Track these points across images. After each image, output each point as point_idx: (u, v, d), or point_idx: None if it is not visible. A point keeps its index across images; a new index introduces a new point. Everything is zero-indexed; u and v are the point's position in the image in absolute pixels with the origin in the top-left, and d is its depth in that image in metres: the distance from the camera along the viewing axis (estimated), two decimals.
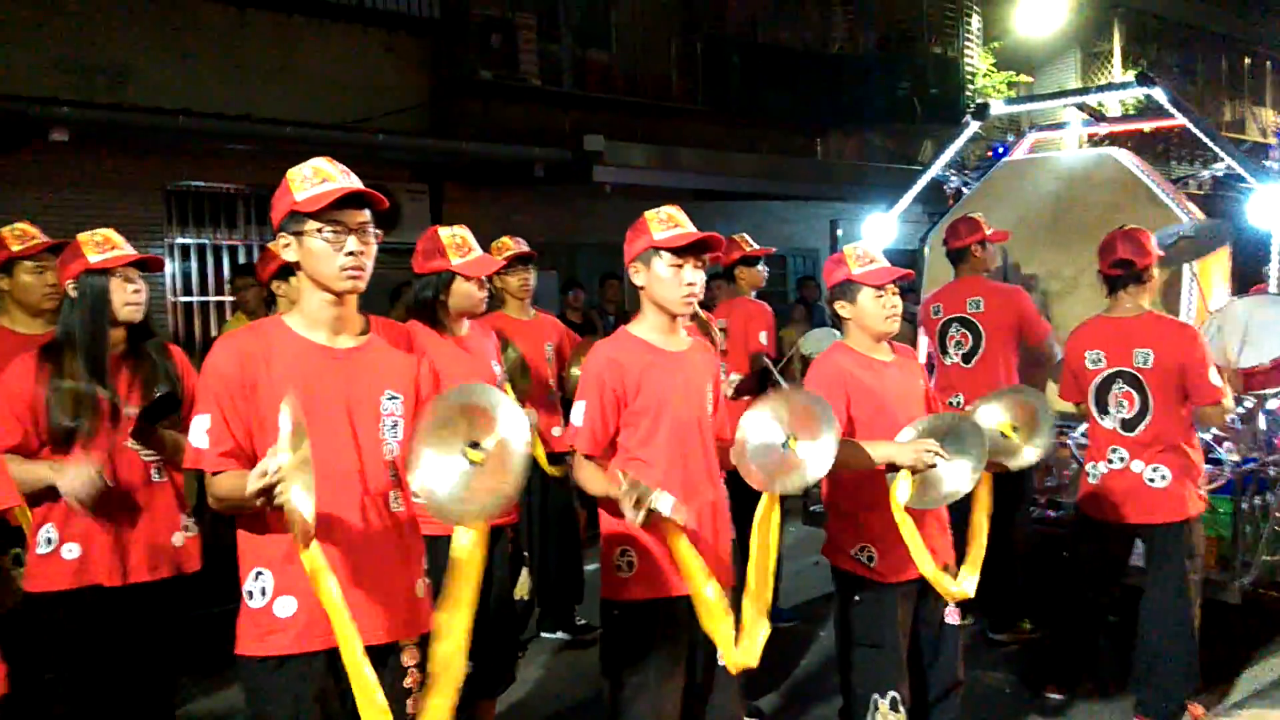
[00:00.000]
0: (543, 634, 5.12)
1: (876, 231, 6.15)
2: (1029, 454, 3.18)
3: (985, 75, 14.72)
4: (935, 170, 6.36)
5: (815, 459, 2.69)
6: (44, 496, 2.84)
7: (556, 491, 4.87)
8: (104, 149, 7.91)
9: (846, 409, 3.04)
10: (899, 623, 3.08)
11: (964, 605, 3.20)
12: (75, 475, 2.75)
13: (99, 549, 2.87)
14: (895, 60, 13.60)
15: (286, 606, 2.15)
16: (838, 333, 3.47)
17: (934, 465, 2.92)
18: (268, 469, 1.90)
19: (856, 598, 3.12)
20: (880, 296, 3.09)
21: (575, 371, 4.09)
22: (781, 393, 2.89)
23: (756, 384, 4.30)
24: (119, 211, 7.73)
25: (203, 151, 8.43)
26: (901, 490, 2.93)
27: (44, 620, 2.84)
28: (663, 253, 2.74)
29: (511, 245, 4.55)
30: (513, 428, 2.10)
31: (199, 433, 2.13)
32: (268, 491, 1.91)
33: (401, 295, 4.71)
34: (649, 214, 2.80)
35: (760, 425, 2.72)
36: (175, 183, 8.64)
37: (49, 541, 2.86)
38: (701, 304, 3.09)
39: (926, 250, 6.06)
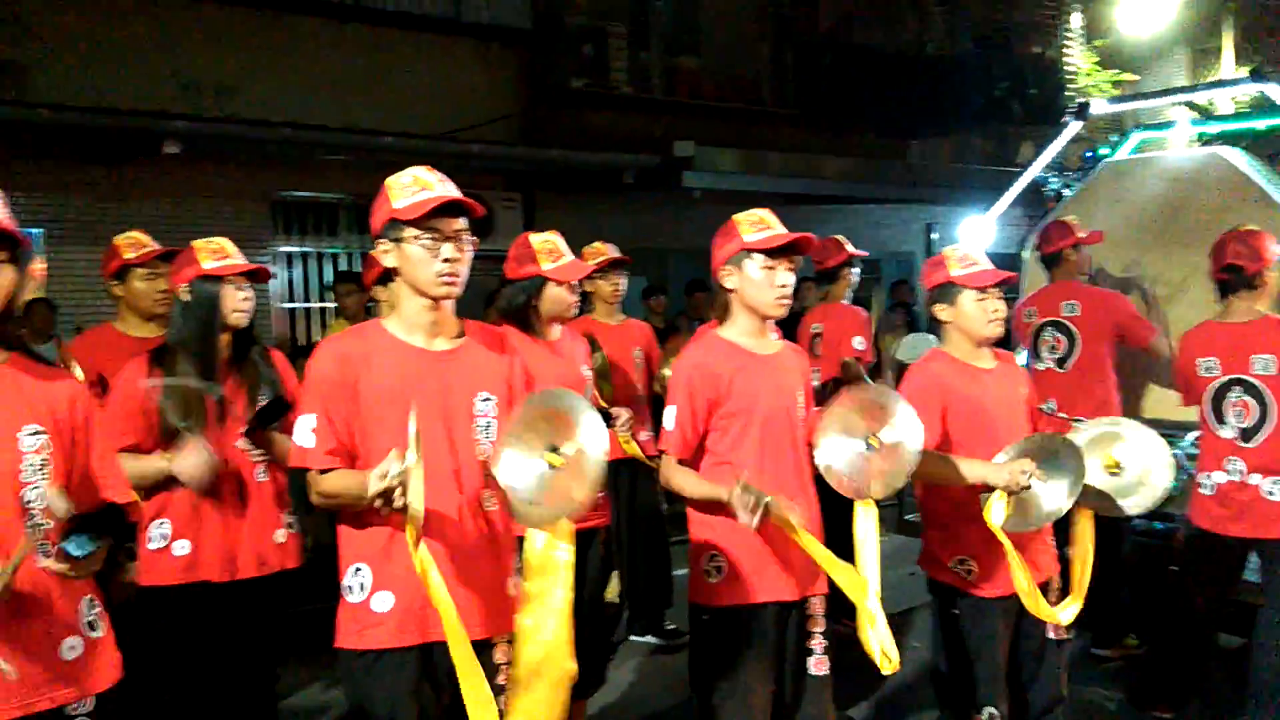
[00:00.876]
0: (632, 637, 5.13)
1: (973, 235, 6.01)
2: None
3: (1087, 74, 14.30)
4: (1034, 172, 6.20)
5: (905, 440, 2.64)
6: (158, 490, 2.95)
7: (645, 494, 4.88)
8: (213, 161, 8.21)
9: (942, 421, 2.98)
10: (999, 637, 3.00)
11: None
12: (190, 457, 2.85)
13: (208, 546, 2.97)
14: (993, 60, 13.29)
15: (384, 602, 2.20)
16: (934, 338, 3.40)
17: (1029, 487, 2.84)
18: (389, 471, 1.97)
19: (955, 611, 3.05)
20: (983, 299, 3.01)
21: (666, 372, 4.09)
22: (843, 397, 2.84)
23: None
24: (227, 220, 8.03)
25: (306, 162, 8.70)
26: (996, 511, 2.86)
27: (155, 614, 2.95)
28: (755, 255, 2.72)
29: (604, 251, 4.59)
30: (593, 436, 2.12)
31: (304, 432, 2.20)
32: (388, 493, 1.97)
33: (495, 300, 4.80)
34: (739, 216, 2.79)
35: (835, 434, 2.68)
36: (280, 192, 8.92)
37: (162, 538, 2.97)
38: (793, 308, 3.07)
39: (1025, 254, 5.91)
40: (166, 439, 2.94)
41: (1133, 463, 3.10)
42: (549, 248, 3.52)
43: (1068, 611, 2.96)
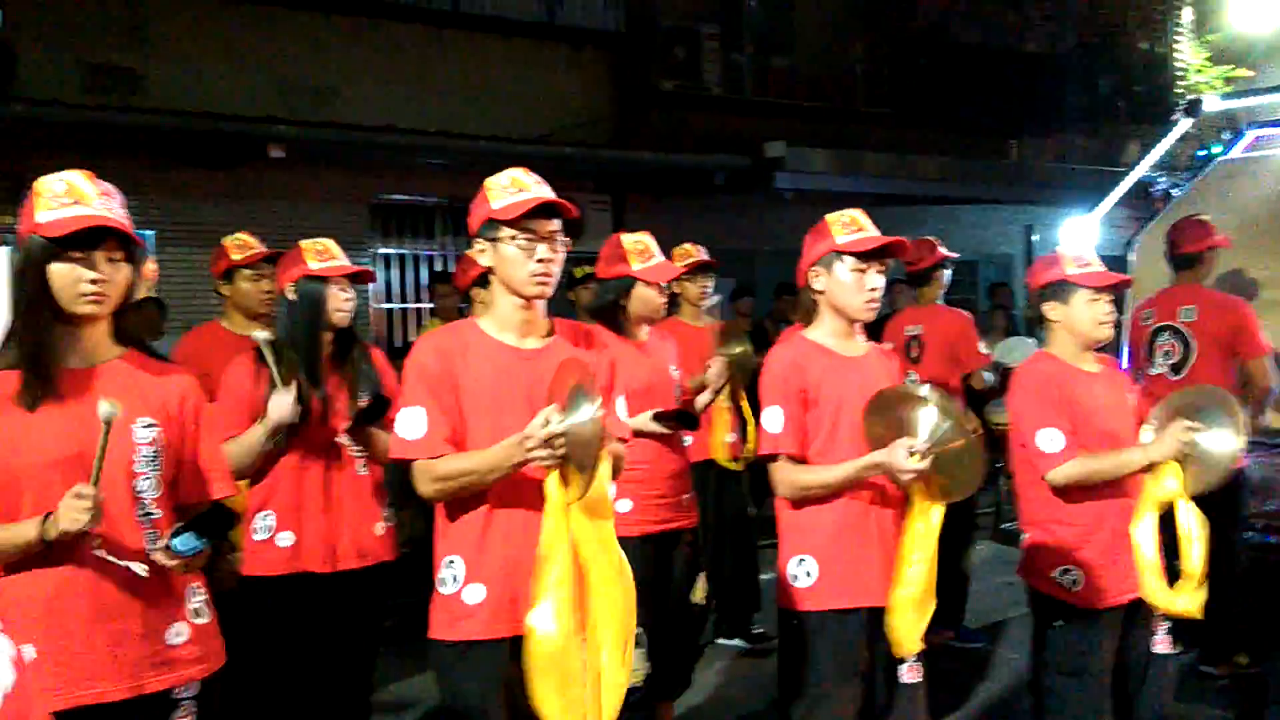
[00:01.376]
0: (719, 641, 5.11)
1: (1076, 236, 5.83)
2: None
3: (1198, 70, 13.75)
4: (1142, 171, 6.00)
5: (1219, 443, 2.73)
6: (262, 474, 3.05)
7: (732, 496, 4.86)
8: (315, 164, 8.45)
9: (1065, 413, 2.92)
10: (1103, 650, 2.90)
11: (1175, 634, 2.99)
12: (275, 404, 2.94)
13: (311, 537, 3.05)
14: (1097, 57, 12.90)
15: (475, 594, 2.24)
16: (1034, 341, 3.32)
17: (1196, 444, 2.81)
18: (549, 417, 2.05)
19: (1057, 623, 2.96)
20: (1095, 300, 2.95)
21: (720, 355, 4.03)
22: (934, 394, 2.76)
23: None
24: (328, 223, 8.25)
25: (403, 166, 8.89)
26: (1169, 484, 2.82)
27: (258, 602, 3.05)
28: (845, 257, 2.68)
29: (693, 252, 4.58)
30: (582, 418, 2.09)
31: (412, 423, 2.25)
32: (549, 442, 2.04)
33: (576, 286, 4.84)
34: (831, 217, 2.75)
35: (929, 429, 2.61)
36: (378, 196, 9.14)
37: (266, 529, 3.06)
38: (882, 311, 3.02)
39: (1132, 256, 5.71)
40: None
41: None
42: (640, 248, 3.53)
43: (1183, 599, 2.85)
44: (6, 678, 0.70)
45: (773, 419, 2.71)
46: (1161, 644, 2.99)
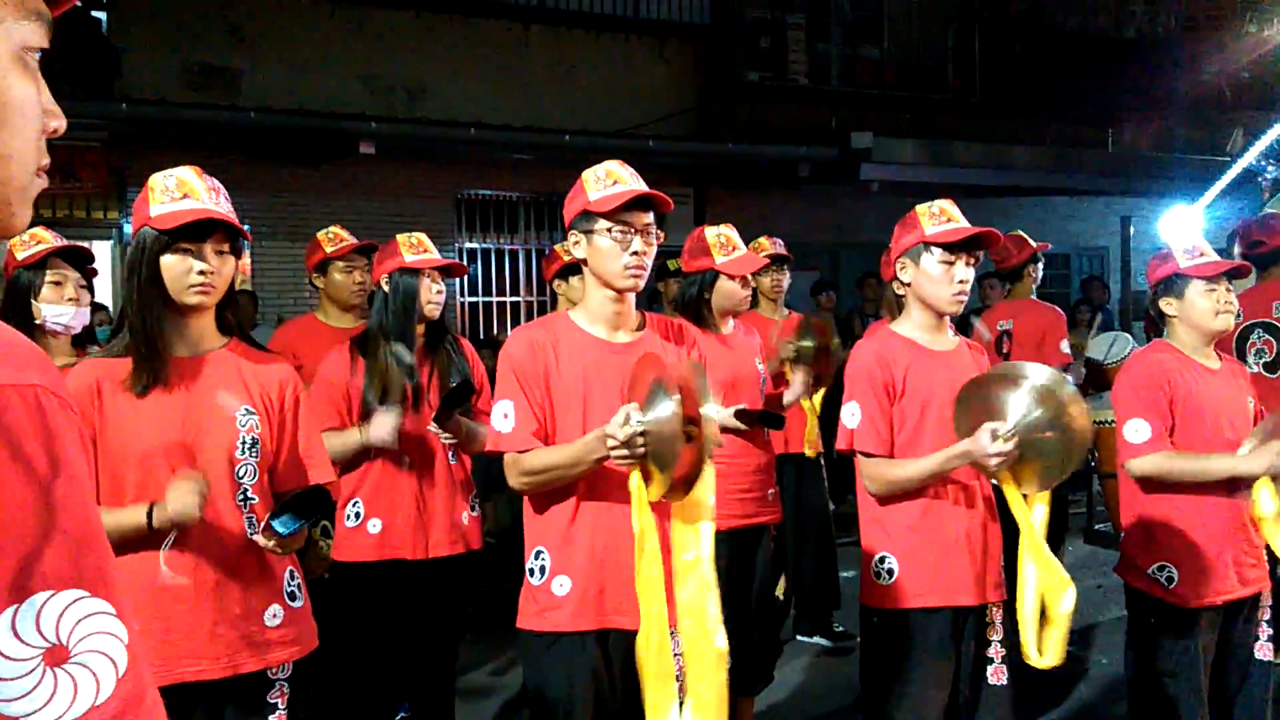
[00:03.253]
0: (800, 638, 5.08)
1: (1177, 227, 5.64)
2: None
3: None
4: (1248, 160, 5.77)
5: None
6: (352, 466, 3.12)
7: (812, 492, 4.82)
8: (404, 160, 8.63)
9: (1170, 408, 2.84)
10: (1201, 651, 2.81)
11: (1277, 641, 2.88)
12: (380, 423, 3.00)
13: (401, 525, 3.12)
14: (1201, 42, 12.41)
15: (562, 585, 2.26)
16: (1128, 336, 3.23)
17: None
18: (630, 414, 2.06)
19: (1153, 621, 2.88)
20: (1212, 290, 2.86)
21: (789, 347, 3.96)
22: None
23: None
24: (415, 217, 8.42)
25: (488, 161, 9.02)
26: (1265, 503, 2.72)
27: (349, 588, 3.13)
28: (934, 249, 2.63)
29: (768, 245, 4.55)
30: (660, 415, 2.07)
31: (503, 416, 2.28)
32: (630, 442, 2.05)
33: (666, 278, 4.85)
34: (920, 208, 2.70)
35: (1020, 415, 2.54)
36: (463, 190, 9.28)
37: (356, 516, 3.14)
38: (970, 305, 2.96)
39: (1237, 249, 5.49)
40: (364, 419, 3.10)
41: None
42: (723, 241, 3.52)
43: None
44: (122, 661, 0.73)
45: (850, 414, 2.67)
46: (1263, 649, 2.88)
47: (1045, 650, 2.55)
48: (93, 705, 0.70)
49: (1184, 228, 5.60)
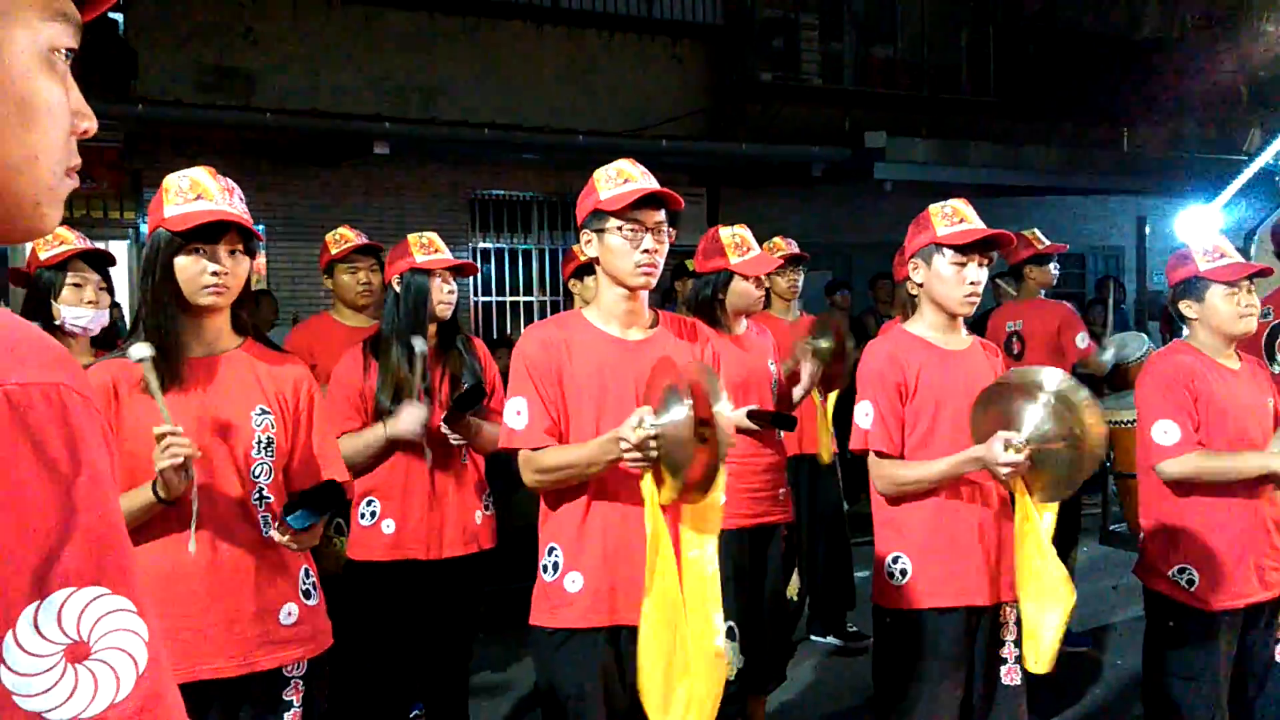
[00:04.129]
0: (813, 637, 5.08)
1: (1193, 227, 5.61)
2: None
3: None
4: (1265, 159, 5.73)
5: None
6: (372, 468, 3.11)
7: (826, 492, 4.82)
8: (418, 161, 8.65)
9: (1194, 407, 2.82)
10: (1220, 654, 2.80)
11: None
12: (407, 416, 3.00)
13: (414, 525, 3.12)
14: (1216, 41, 12.33)
15: (575, 582, 2.27)
16: (1145, 337, 3.21)
17: None
18: (644, 419, 2.06)
19: (1172, 624, 2.86)
20: (1233, 293, 2.84)
21: (805, 347, 3.94)
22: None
23: None
24: (428, 217, 8.45)
25: (502, 161, 9.03)
26: None
27: (363, 586, 3.14)
28: (945, 249, 2.62)
29: (783, 246, 4.55)
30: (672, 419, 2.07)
31: (517, 414, 2.29)
32: (643, 444, 2.06)
33: (683, 277, 4.85)
34: (933, 208, 2.70)
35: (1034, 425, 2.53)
36: (477, 190, 9.31)
37: (371, 515, 3.15)
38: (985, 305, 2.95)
39: (1253, 248, 5.46)
40: (379, 420, 3.10)
41: None
42: (737, 241, 3.52)
43: None
44: (142, 659, 0.73)
45: (863, 414, 2.67)
46: None
47: (1035, 659, 2.55)
48: (112, 703, 0.70)
49: (1200, 227, 5.57)
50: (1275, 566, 2.85)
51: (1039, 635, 2.54)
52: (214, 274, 2.08)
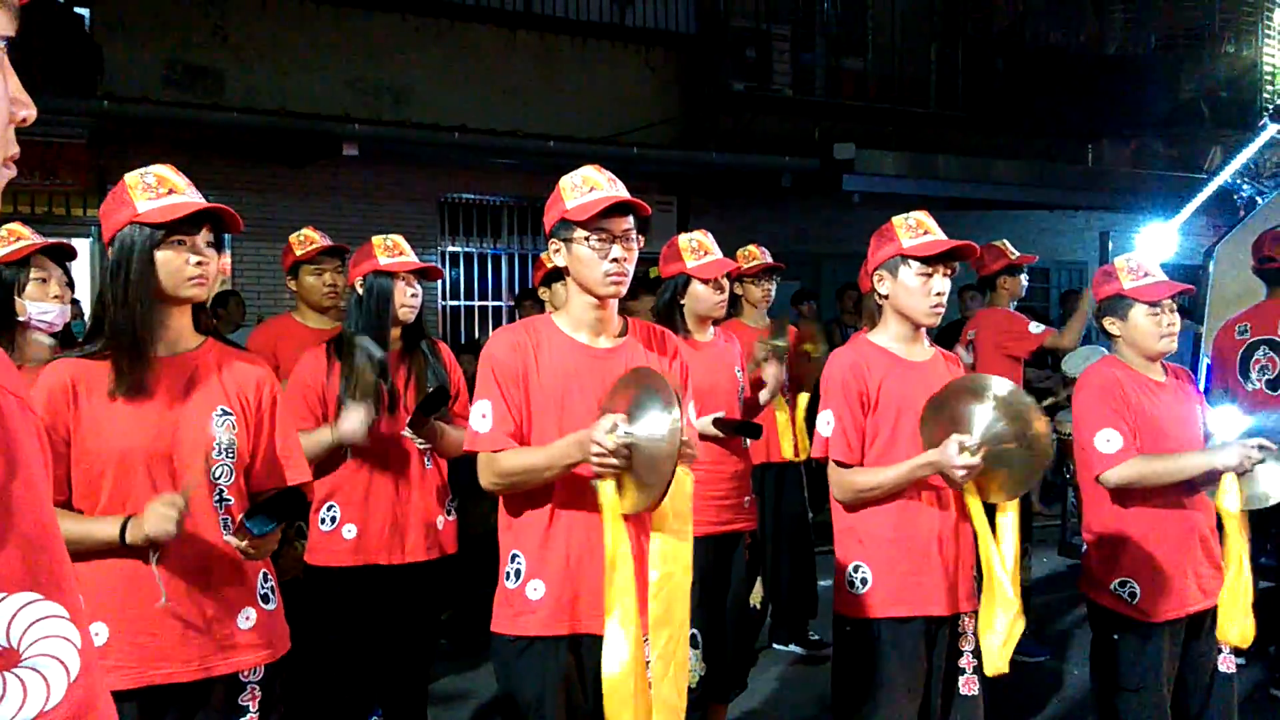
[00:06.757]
0: (775, 646, 5.09)
1: (1154, 244, 5.70)
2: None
3: None
4: (1224, 177, 5.84)
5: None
6: (327, 468, 3.08)
7: (791, 500, 4.83)
8: (388, 163, 8.60)
9: (1129, 417, 2.86)
10: (1163, 665, 2.83)
11: (1242, 652, 2.90)
12: (350, 420, 2.96)
13: (376, 530, 3.09)
14: (1180, 60, 12.54)
15: (536, 590, 2.26)
16: (1105, 350, 3.26)
17: (1261, 461, 2.74)
18: (618, 423, 2.06)
19: (1116, 637, 2.90)
20: (1156, 314, 2.87)
21: (763, 347, 3.93)
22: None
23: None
24: (397, 220, 8.39)
25: (473, 165, 9.00)
26: (1230, 497, 2.76)
27: (323, 591, 3.11)
28: (911, 261, 2.65)
29: (758, 255, 4.56)
30: (651, 427, 2.08)
31: (480, 416, 2.28)
32: (616, 451, 2.05)
33: (642, 283, 4.83)
34: (897, 220, 2.72)
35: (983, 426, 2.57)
36: (447, 194, 9.26)
37: (332, 520, 3.12)
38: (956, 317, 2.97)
39: (1211, 265, 5.55)
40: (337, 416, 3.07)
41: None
42: (694, 245, 3.53)
43: (1236, 629, 2.78)
44: (74, 666, 0.72)
45: (824, 422, 2.70)
46: (1227, 662, 2.91)
47: (989, 661, 2.58)
48: (41, 710, 0.69)
49: (1159, 244, 5.65)
50: (1212, 574, 2.89)
51: (990, 635, 2.57)
52: (197, 264, 2.08)
